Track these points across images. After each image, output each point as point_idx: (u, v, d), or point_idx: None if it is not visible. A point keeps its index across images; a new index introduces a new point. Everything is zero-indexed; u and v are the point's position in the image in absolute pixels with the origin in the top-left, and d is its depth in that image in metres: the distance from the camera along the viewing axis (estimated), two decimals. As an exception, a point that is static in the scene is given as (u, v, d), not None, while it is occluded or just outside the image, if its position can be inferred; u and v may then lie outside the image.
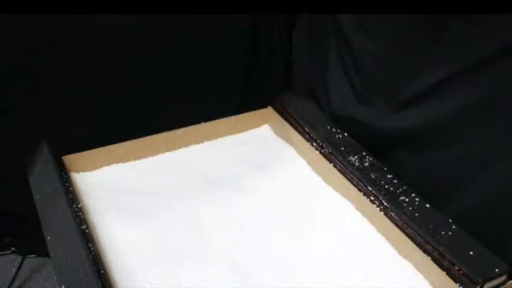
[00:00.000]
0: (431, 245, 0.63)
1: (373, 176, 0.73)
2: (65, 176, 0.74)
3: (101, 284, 0.57)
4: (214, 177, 0.80)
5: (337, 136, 0.81)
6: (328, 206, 0.75)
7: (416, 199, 0.68)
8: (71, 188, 0.72)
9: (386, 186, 0.71)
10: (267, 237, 0.69)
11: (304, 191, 0.78)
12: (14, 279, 1.11)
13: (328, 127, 0.83)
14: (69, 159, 0.77)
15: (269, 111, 0.92)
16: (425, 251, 0.63)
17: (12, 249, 1.10)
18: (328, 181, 0.79)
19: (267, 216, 0.73)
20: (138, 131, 0.82)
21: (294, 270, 0.65)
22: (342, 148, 0.78)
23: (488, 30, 0.66)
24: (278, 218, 0.73)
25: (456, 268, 0.60)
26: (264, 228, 0.71)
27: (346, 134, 0.81)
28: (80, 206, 0.69)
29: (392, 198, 0.69)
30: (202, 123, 0.87)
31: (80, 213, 0.67)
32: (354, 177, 0.74)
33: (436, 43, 0.72)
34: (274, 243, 0.69)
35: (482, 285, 0.58)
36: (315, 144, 0.81)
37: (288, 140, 0.88)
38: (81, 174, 0.78)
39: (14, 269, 1.12)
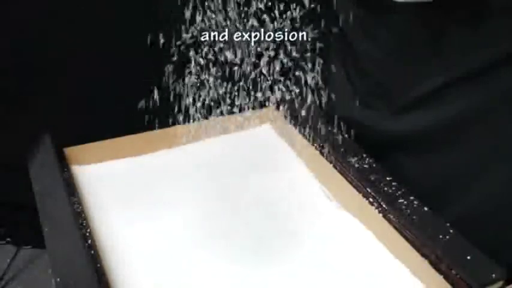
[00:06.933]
0: (429, 248, 0.63)
1: (372, 178, 0.73)
2: (66, 168, 0.74)
3: (96, 277, 0.57)
4: (214, 175, 0.80)
5: (337, 137, 0.81)
6: (326, 206, 0.75)
7: (415, 202, 0.69)
8: (72, 180, 0.72)
9: (385, 189, 0.71)
10: (266, 238, 0.69)
11: (303, 191, 0.78)
12: (7, 269, 1.11)
13: (329, 128, 0.83)
14: (71, 151, 0.77)
15: (270, 110, 0.92)
16: (422, 255, 0.63)
17: (7, 239, 1.10)
18: (327, 181, 0.79)
19: (265, 217, 0.73)
20: (141, 127, 0.81)
21: (291, 272, 0.65)
22: (342, 149, 0.79)
23: (491, 36, 0.66)
24: (277, 219, 0.73)
25: (453, 272, 0.60)
26: (263, 229, 0.71)
27: (346, 136, 0.82)
28: (79, 198, 0.69)
29: (391, 200, 0.69)
30: (203, 121, 0.87)
31: (80, 206, 0.67)
32: (353, 178, 0.74)
33: (437, 48, 0.72)
34: (273, 243, 0.69)
35: (479, 291, 0.58)
36: (315, 144, 0.82)
37: (288, 140, 0.88)
38: (83, 166, 0.78)
39: (9, 260, 1.11)
